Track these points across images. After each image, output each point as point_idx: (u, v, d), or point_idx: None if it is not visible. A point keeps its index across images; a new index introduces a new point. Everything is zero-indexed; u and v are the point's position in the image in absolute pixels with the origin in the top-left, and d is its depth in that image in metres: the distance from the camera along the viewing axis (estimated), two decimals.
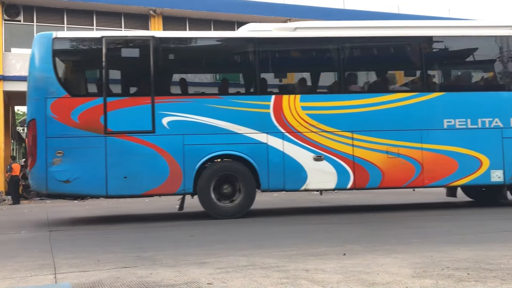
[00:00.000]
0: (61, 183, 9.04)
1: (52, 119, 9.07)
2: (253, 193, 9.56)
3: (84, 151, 9.10)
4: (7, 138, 21.99)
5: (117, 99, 9.39)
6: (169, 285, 4.07)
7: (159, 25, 21.70)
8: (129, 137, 9.23)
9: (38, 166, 9.04)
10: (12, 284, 4.34)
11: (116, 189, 9.21)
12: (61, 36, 9.71)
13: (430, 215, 9.49)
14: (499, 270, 4.19)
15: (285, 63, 10.56)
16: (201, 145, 9.34)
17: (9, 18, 20.03)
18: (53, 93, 9.14)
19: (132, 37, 10.27)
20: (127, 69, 10.08)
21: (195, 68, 10.63)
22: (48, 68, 9.20)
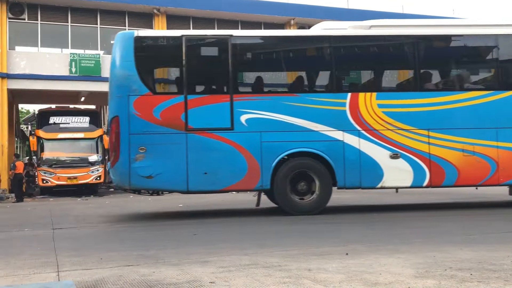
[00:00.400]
0: (143, 179, 9.18)
1: (134, 116, 9.22)
2: (329, 190, 9.63)
3: (165, 147, 9.25)
4: (11, 136, 22.08)
5: (197, 97, 9.54)
6: (172, 283, 4.08)
7: (163, 24, 21.71)
8: (208, 134, 9.35)
9: (121, 162, 9.17)
10: (15, 281, 4.35)
11: (197, 184, 9.34)
12: (142, 35, 9.85)
13: (433, 215, 9.47)
14: (502, 271, 4.17)
15: (360, 61, 10.64)
16: (278, 142, 9.44)
17: (13, 16, 20.08)
18: (136, 91, 9.29)
19: (211, 36, 10.46)
20: (206, 67, 10.23)
21: (272, 66, 10.70)
22: (130, 67, 9.33)
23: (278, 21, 23.42)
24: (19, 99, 24.50)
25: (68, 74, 20.26)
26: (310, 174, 9.51)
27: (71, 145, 20.06)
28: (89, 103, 25.46)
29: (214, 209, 12.01)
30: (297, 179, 9.51)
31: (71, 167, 19.46)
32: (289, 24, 23.36)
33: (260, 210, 11.17)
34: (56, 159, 19.54)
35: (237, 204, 13.34)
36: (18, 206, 15.40)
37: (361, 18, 23.98)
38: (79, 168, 19.49)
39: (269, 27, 23.62)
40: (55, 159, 19.52)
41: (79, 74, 20.30)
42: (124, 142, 9.15)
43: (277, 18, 23.16)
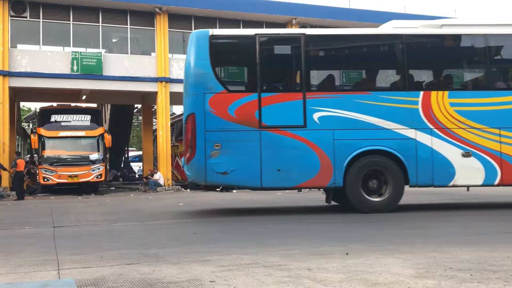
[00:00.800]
0: (219, 175, 9.34)
1: (210, 113, 9.38)
2: (401, 189, 9.68)
3: (240, 144, 9.40)
4: (12, 134, 22.07)
5: (270, 94, 9.68)
6: (172, 282, 4.08)
7: (164, 22, 21.70)
8: (282, 132, 9.47)
9: (197, 158, 9.34)
10: (15, 279, 4.36)
11: (270, 181, 9.45)
12: (217, 34, 10.01)
13: (434, 215, 9.48)
14: (502, 272, 4.17)
15: (432, 59, 10.67)
16: (351, 140, 9.52)
17: (15, 14, 20.07)
18: (211, 89, 9.44)
19: (284, 35, 10.61)
20: (279, 66, 10.39)
21: (344, 64, 10.82)
22: (205, 65, 9.49)
23: (280, 21, 23.39)
24: (21, 97, 24.48)
25: (70, 72, 20.25)
26: (382, 172, 9.60)
27: (72, 143, 20.06)
28: (90, 101, 25.43)
29: (214, 208, 12.02)
30: (367, 177, 9.59)
31: (72, 165, 19.46)
32: (290, 23, 23.32)
33: (263, 208, 11.18)
34: (57, 157, 19.54)
35: (236, 203, 13.35)
36: (19, 204, 15.41)
37: (363, 17, 24.03)
38: (80, 166, 19.49)
39: (271, 26, 23.58)
40: (56, 157, 19.52)
41: (81, 72, 20.29)
42: (200, 139, 9.33)
43: (279, 17, 23.12)
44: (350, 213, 10.19)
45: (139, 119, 37.86)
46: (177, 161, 23.99)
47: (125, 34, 22.00)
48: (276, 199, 14.84)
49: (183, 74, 23.36)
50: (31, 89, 21.21)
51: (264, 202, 13.82)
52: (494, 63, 10.24)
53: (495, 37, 10.16)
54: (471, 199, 12.80)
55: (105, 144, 19.96)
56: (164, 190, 20.67)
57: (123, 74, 21.07)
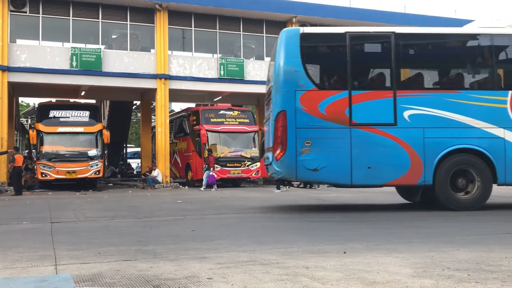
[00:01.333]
0: (310, 172, 9.40)
1: (301, 110, 9.46)
2: (490, 187, 9.71)
3: (330, 141, 9.46)
4: (10, 129, 22.05)
5: (361, 92, 9.73)
6: (169, 279, 4.08)
7: (164, 19, 21.67)
8: (372, 129, 9.54)
9: (288, 155, 9.39)
10: (13, 274, 4.36)
11: (360, 178, 9.53)
12: (307, 32, 10.04)
13: (432, 215, 9.48)
14: (500, 272, 4.18)
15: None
16: (440, 138, 9.59)
17: (15, 9, 20.02)
18: (302, 86, 9.52)
19: (374, 33, 10.61)
20: (369, 64, 10.48)
21: (433, 62, 10.80)
22: (296, 63, 9.58)
23: (280, 19, 23.38)
24: (20, 92, 24.44)
25: (69, 68, 20.21)
26: (470, 171, 9.64)
27: (71, 139, 20.03)
28: (89, 97, 25.42)
29: (212, 206, 12.02)
30: (454, 175, 9.64)
31: (70, 161, 19.43)
32: (290, 21, 23.32)
33: (262, 207, 11.17)
34: (56, 153, 19.51)
35: (235, 201, 13.36)
36: (17, 199, 15.40)
37: (363, 17, 24.03)
38: (79, 162, 19.47)
39: (271, 24, 23.60)
40: (55, 152, 19.50)
41: (80, 68, 20.25)
42: (291, 135, 9.40)
43: (280, 15, 23.12)
44: (347, 212, 10.20)
45: (138, 116, 37.85)
46: (175, 158, 24.01)
47: (124, 30, 21.97)
48: (274, 197, 14.85)
49: (182, 71, 23.47)
50: (30, 84, 21.18)
51: (263, 201, 13.82)
52: None
53: None
54: None
55: (104, 140, 19.94)
56: (162, 187, 20.67)
57: (122, 71, 21.05)
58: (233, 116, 21.71)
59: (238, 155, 20.98)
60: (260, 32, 23.59)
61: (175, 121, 25.03)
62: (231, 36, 23.59)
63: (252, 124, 22.01)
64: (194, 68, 22.22)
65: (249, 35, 23.91)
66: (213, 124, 21.05)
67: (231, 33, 23.35)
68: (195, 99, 28.52)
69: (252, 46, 25.33)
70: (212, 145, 20.87)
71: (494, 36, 10.15)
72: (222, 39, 23.25)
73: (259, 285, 3.83)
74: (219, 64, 22.38)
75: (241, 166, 20.76)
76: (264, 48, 23.81)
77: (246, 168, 20.71)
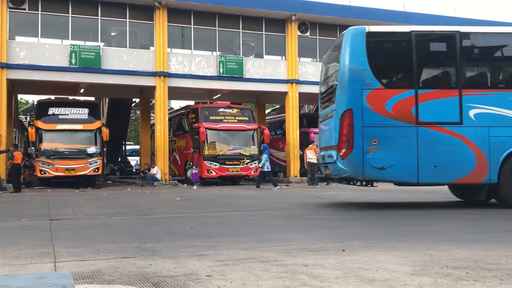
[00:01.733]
0: (376, 170, 9.45)
1: (367, 109, 9.50)
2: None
3: (397, 140, 9.51)
4: (9, 127, 22.01)
5: (427, 91, 9.79)
6: (168, 276, 4.09)
7: (163, 17, 21.64)
8: (438, 128, 9.59)
9: (355, 153, 9.43)
10: (12, 271, 4.36)
11: (427, 177, 9.58)
12: (373, 31, 10.04)
13: (431, 213, 9.50)
14: (498, 270, 4.19)
15: None
16: (505, 137, 9.65)
17: (14, 6, 19.97)
18: (369, 85, 9.57)
19: (439, 32, 10.66)
20: (435, 62, 10.54)
21: (498, 61, 10.84)
22: (362, 61, 9.63)
23: (280, 17, 23.35)
24: (19, 89, 24.39)
25: (68, 65, 20.17)
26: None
27: (70, 137, 20.00)
28: (88, 95, 25.37)
29: (212, 203, 12.02)
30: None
31: (69, 159, 19.41)
32: (290, 19, 23.29)
33: (258, 206, 11.17)
34: (55, 150, 19.48)
35: (234, 199, 13.36)
36: (16, 196, 15.39)
37: (363, 15, 24.01)
38: (77, 159, 19.45)
39: (271, 22, 23.57)
40: (54, 150, 19.47)
41: (79, 65, 20.21)
42: (357, 134, 9.43)
43: (279, 13, 23.08)
44: (346, 210, 10.22)
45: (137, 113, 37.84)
46: (174, 155, 24.01)
47: (124, 27, 21.93)
48: (272, 195, 14.86)
49: (181, 69, 23.42)
50: (29, 81, 21.14)
51: (261, 198, 13.83)
52: None
53: None
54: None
55: (103, 138, 19.92)
56: (161, 184, 20.66)
57: (122, 68, 21.02)
58: (232, 114, 21.69)
59: (237, 153, 20.98)
60: (260, 30, 23.56)
61: (174, 119, 25.02)
62: (230, 34, 23.55)
63: (251, 122, 22.00)
64: (193, 66, 22.19)
65: (249, 33, 23.88)
66: (212, 122, 21.04)
67: (231, 30, 23.32)
68: (194, 97, 28.51)
69: (251, 44, 25.30)
70: (211, 143, 20.88)
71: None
72: (221, 36, 23.22)
73: (257, 283, 3.84)
74: (218, 62, 22.36)
75: (240, 164, 20.76)
76: (263, 46, 23.79)
77: (245, 166, 20.71)
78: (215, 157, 20.59)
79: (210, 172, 20.52)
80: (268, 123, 28.37)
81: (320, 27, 24.39)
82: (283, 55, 24.15)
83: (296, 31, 23.66)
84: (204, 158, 20.42)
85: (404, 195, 13.84)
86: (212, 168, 20.50)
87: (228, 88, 23.27)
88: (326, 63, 11.48)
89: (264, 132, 21.69)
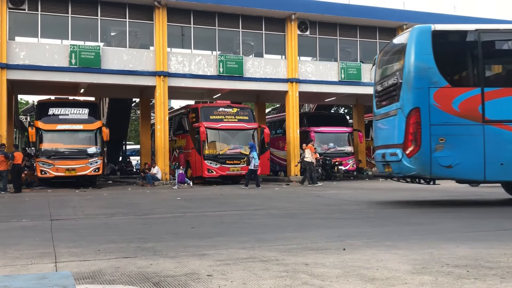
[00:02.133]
0: (444, 168, 9.48)
1: (434, 107, 9.55)
2: None
3: (464, 138, 9.56)
4: (9, 127, 22.02)
5: (493, 89, 9.78)
6: (169, 275, 4.09)
7: (163, 16, 21.63)
8: (505, 126, 9.60)
9: (422, 152, 9.47)
10: (12, 271, 4.36)
11: (493, 175, 9.61)
12: (439, 29, 10.07)
13: (431, 212, 9.50)
14: (499, 268, 4.19)
15: None
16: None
17: (13, 6, 19.97)
18: (436, 83, 9.61)
19: (504, 30, 10.72)
20: (501, 60, 10.59)
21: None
22: (429, 60, 9.68)
23: (279, 16, 23.34)
24: (19, 89, 24.40)
25: (68, 65, 20.18)
26: None
27: (70, 137, 20.01)
28: (88, 95, 25.38)
29: (212, 203, 12.03)
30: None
31: (70, 159, 19.43)
32: (290, 18, 23.28)
33: (258, 205, 11.18)
34: (55, 150, 19.50)
35: (234, 198, 13.37)
36: (16, 197, 15.40)
37: (363, 14, 24.01)
38: (78, 159, 19.46)
39: (270, 21, 23.56)
40: (54, 150, 19.48)
41: (79, 65, 20.22)
42: (425, 132, 9.47)
43: (279, 12, 23.06)
44: (346, 209, 10.22)
45: (137, 113, 37.84)
46: (174, 155, 24.01)
47: (123, 27, 21.93)
48: (273, 194, 14.86)
49: (181, 69, 23.42)
50: (29, 82, 21.14)
51: (262, 197, 13.84)
52: None
53: None
54: (468, 196, 12.84)
55: (103, 138, 19.93)
56: (161, 184, 20.67)
57: (122, 68, 21.02)
58: (232, 113, 21.70)
59: (238, 152, 20.99)
60: (259, 29, 23.55)
61: (175, 119, 25.02)
62: (230, 33, 23.55)
63: (252, 121, 22.01)
64: (193, 65, 22.19)
65: (248, 32, 23.88)
66: (212, 121, 21.05)
67: (230, 30, 23.32)
68: (194, 97, 28.52)
69: (251, 43, 25.31)
70: (211, 142, 20.89)
71: None
72: (221, 36, 23.21)
73: (258, 282, 3.84)
74: (218, 61, 22.35)
75: (240, 163, 20.76)
76: (263, 45, 23.78)
77: (246, 165, 20.74)
78: (215, 156, 20.60)
79: (211, 172, 20.53)
80: (268, 122, 28.39)
81: (320, 26, 24.38)
82: (283, 54, 24.15)
83: (296, 30, 23.65)
84: (205, 158, 20.44)
85: (405, 193, 13.84)
86: (213, 168, 20.51)
87: (228, 87, 23.27)
88: (384, 63, 11.52)
89: (264, 131, 21.71)
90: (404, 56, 10.01)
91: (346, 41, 25.30)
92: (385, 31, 25.30)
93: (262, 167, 21.71)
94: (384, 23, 24.95)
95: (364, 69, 24.56)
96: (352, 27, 24.89)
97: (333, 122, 26.31)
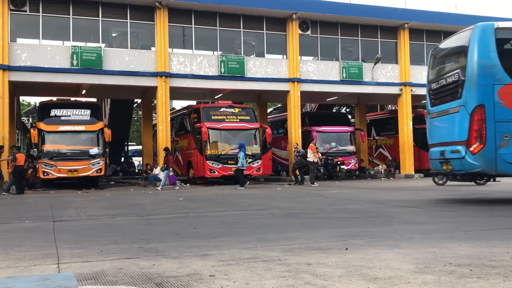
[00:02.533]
0: (509, 165, 9.51)
1: (499, 104, 9.57)
2: None
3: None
4: (12, 128, 22.06)
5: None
6: (172, 276, 4.09)
7: (164, 17, 21.65)
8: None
9: (487, 148, 9.49)
10: (15, 273, 4.37)
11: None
12: (502, 26, 10.09)
13: (433, 211, 9.48)
14: (502, 267, 4.18)
15: None
16: None
17: (15, 8, 20.00)
18: (500, 80, 9.65)
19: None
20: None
21: None
22: (493, 57, 9.72)
23: (280, 15, 23.33)
24: (20, 91, 24.46)
25: (70, 66, 20.21)
26: None
27: (72, 138, 20.04)
28: (90, 96, 25.43)
29: (214, 203, 12.03)
30: None
31: (72, 160, 19.45)
32: (291, 18, 23.28)
33: (259, 205, 11.18)
34: (57, 151, 19.53)
35: (237, 197, 13.37)
36: (19, 198, 15.42)
37: (363, 13, 23.98)
38: (80, 160, 19.49)
39: (271, 21, 23.56)
40: (56, 151, 19.52)
41: (81, 66, 20.24)
42: (490, 129, 9.49)
43: (280, 12, 23.06)
44: (350, 209, 10.21)
45: (139, 114, 37.88)
46: (176, 155, 24.03)
47: (125, 28, 21.95)
48: (275, 194, 14.86)
49: (183, 69, 23.41)
50: (30, 83, 21.19)
51: (264, 197, 13.84)
52: None
53: None
54: (470, 195, 12.82)
55: (105, 139, 19.95)
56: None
57: (123, 69, 21.04)
58: (234, 114, 21.70)
59: None
60: (261, 29, 23.55)
61: (176, 119, 25.04)
62: (231, 33, 23.56)
63: (253, 121, 22.00)
64: (195, 66, 22.20)
65: (250, 32, 23.88)
66: (214, 121, 21.05)
67: (231, 30, 23.32)
68: (196, 97, 28.54)
69: (252, 43, 25.30)
70: (213, 142, 20.90)
71: None
72: (222, 36, 23.22)
73: (261, 282, 3.84)
74: (220, 61, 22.36)
75: None
76: (264, 45, 23.78)
77: (248, 165, 20.73)
78: (217, 156, 20.61)
79: (213, 172, 20.54)
80: (270, 122, 28.40)
81: (321, 26, 24.37)
82: (284, 54, 24.15)
83: (297, 30, 23.64)
84: (207, 158, 20.45)
85: (405, 193, 13.83)
86: (215, 168, 20.52)
87: (230, 87, 23.28)
88: (439, 62, 11.47)
89: (266, 131, 21.71)
90: (466, 54, 10.00)
91: (347, 40, 25.29)
92: (386, 30, 25.31)
93: (264, 167, 21.72)
94: (385, 22, 24.94)
95: (365, 68, 24.55)
96: (354, 26, 24.88)
97: (335, 121, 26.32)
